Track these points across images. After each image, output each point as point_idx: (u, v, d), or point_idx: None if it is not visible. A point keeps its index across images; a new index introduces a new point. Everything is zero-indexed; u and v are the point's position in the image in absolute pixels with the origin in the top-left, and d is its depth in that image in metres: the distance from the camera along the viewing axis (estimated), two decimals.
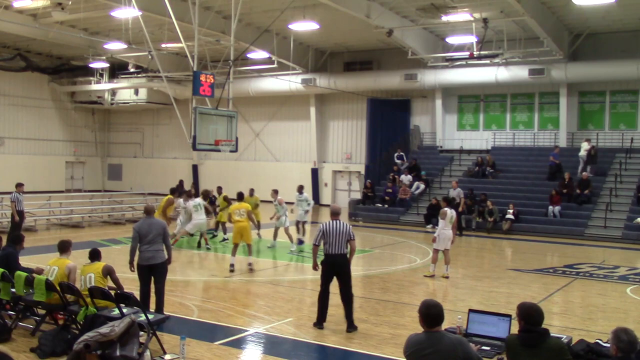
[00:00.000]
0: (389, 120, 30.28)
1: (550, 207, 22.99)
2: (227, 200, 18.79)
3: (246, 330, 8.98)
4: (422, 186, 26.90)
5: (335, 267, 9.14)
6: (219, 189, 20.36)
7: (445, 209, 13.70)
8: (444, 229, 13.45)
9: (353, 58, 31.70)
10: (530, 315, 5.04)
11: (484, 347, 5.64)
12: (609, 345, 5.37)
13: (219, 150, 19.35)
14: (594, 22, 24.57)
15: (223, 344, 8.25)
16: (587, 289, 12.52)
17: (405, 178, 27.22)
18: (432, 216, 22.69)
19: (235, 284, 12.52)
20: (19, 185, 17.21)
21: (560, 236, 21.46)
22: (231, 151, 19.64)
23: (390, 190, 26.65)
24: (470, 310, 6.23)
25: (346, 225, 9.18)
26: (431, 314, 4.89)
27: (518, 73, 26.70)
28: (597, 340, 5.89)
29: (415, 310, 9.70)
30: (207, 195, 18.51)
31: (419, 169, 27.90)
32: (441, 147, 29.90)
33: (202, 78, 18.40)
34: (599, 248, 19.52)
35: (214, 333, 8.83)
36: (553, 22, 24.09)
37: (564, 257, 17.58)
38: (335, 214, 9.40)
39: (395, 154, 29.25)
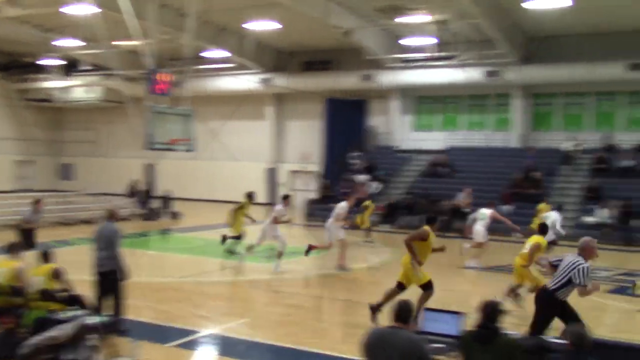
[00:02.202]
0: (346, 121, 30.38)
1: (502, 207, 23.40)
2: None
3: (200, 332, 8.88)
4: (379, 186, 27.09)
5: None
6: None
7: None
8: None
9: (312, 58, 31.72)
10: (486, 312, 5.14)
11: (438, 345, 5.71)
12: (559, 340, 5.50)
13: (174, 150, 19.11)
14: (549, 25, 25.09)
15: (177, 346, 8.15)
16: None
17: (362, 178, 27.37)
18: (389, 216, 22.87)
19: (190, 285, 12.38)
20: None
21: (513, 234, 21.82)
22: (188, 151, 19.41)
23: (346, 190, 26.71)
24: (425, 309, 6.29)
25: None
26: (395, 309, 4.97)
27: (474, 75, 27.11)
28: (547, 337, 6.02)
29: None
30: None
31: (375, 168, 28.10)
32: (398, 147, 30.18)
33: (158, 76, 18.13)
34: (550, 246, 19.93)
35: (168, 335, 8.72)
36: (508, 25, 24.56)
37: (516, 255, 17.84)
38: None
39: (352, 154, 29.39)
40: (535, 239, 10.40)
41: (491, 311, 5.15)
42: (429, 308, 6.34)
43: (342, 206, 14.86)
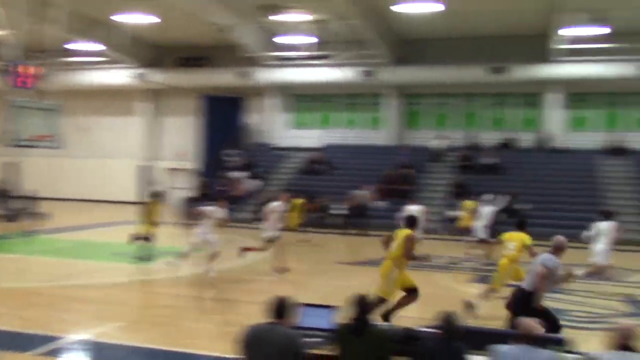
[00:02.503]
0: (223, 118, 30.10)
1: (377, 202, 24.20)
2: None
3: (68, 338, 8.47)
4: (256, 183, 27.10)
5: None
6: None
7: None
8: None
9: (188, 54, 31.07)
10: (359, 305, 5.32)
11: (314, 339, 5.80)
12: (426, 329, 5.78)
13: (38, 147, 18.05)
14: (420, 29, 26.22)
15: (42, 354, 7.71)
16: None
17: (238, 175, 27.26)
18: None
19: (57, 290, 11.75)
20: None
21: (387, 230, 22.61)
22: (53, 147, 18.38)
23: (223, 188, 26.51)
24: (301, 304, 6.37)
25: None
26: (273, 305, 5.01)
27: (350, 74, 27.77)
28: (415, 326, 6.30)
29: (247, 307, 9.74)
30: None
31: (253, 166, 28.08)
32: (275, 144, 30.33)
33: (21, 69, 17.03)
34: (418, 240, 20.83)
35: (32, 342, 8.23)
36: (383, 27, 25.41)
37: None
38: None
39: (230, 151, 29.18)
40: (518, 236, 10.28)
41: (363, 304, 5.34)
42: (305, 303, 6.43)
43: (277, 205, 14.24)
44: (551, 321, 7.49)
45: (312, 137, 29.87)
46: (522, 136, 27.53)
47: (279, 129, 30.67)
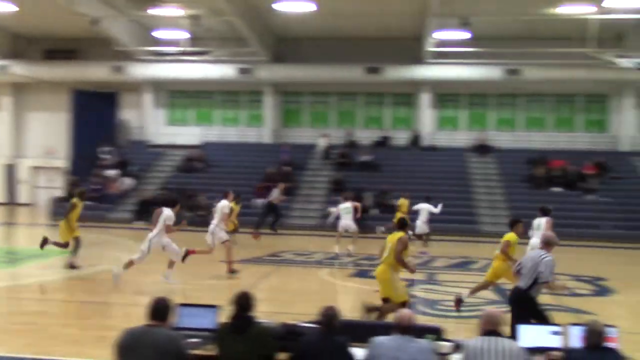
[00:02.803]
0: (96, 114, 28.73)
1: (256, 200, 24.18)
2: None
3: None
4: (131, 182, 26.19)
5: None
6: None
7: None
8: None
9: (55, 46, 29.33)
10: (240, 302, 5.27)
11: (195, 339, 5.69)
12: (307, 325, 5.84)
13: None
14: (297, 27, 26.46)
15: None
16: (289, 274, 13.41)
17: (112, 173, 26.21)
18: (143, 212, 22.18)
19: None
20: None
21: (265, 226, 22.66)
22: None
23: (96, 187, 25.39)
24: (180, 304, 6.22)
25: None
26: (152, 307, 4.85)
27: (227, 71, 27.51)
28: (296, 322, 6.34)
29: (123, 310, 9.37)
30: None
31: (127, 164, 27.10)
32: (151, 142, 29.46)
33: None
34: (299, 237, 21.09)
35: None
36: (260, 25, 25.38)
37: (268, 247, 18.55)
38: None
39: (102, 149, 27.95)
40: (507, 236, 10.09)
41: (244, 302, 5.29)
42: (184, 303, 6.29)
43: (225, 205, 13.56)
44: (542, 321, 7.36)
45: (191, 135, 29.29)
46: (397, 134, 28.56)
47: (156, 125, 29.80)
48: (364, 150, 27.04)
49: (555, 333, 5.84)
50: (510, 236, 10.04)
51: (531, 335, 5.83)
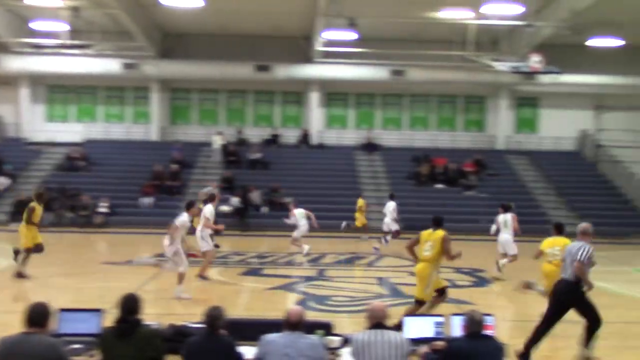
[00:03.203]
0: None
1: (143, 199, 23.52)
2: None
3: None
4: (6, 181, 24.63)
5: None
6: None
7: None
8: None
9: None
10: (125, 305, 5.09)
11: (76, 346, 5.45)
12: (195, 325, 5.75)
13: None
14: (185, 23, 25.94)
15: None
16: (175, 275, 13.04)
17: None
18: (18, 213, 20.89)
19: None
20: None
21: (154, 227, 22.05)
22: None
23: None
24: (61, 309, 5.94)
25: None
26: (29, 313, 4.58)
27: (111, 66, 26.50)
28: (184, 323, 6.23)
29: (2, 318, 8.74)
30: None
31: (1, 162, 25.44)
32: (28, 139, 27.83)
33: None
34: (188, 236, 20.65)
35: None
36: (146, 19, 24.63)
37: (157, 246, 18.06)
38: None
39: None
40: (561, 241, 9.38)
41: (130, 304, 5.12)
42: (65, 308, 6.00)
43: (210, 210, 12.59)
44: (593, 314, 7.49)
45: (72, 132, 27.91)
46: (287, 132, 28.71)
47: (34, 122, 28.16)
48: (254, 148, 26.95)
49: (438, 324, 6.10)
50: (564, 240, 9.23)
51: (415, 326, 6.06)
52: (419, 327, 6.06)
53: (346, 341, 5.58)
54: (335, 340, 5.77)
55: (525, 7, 20.11)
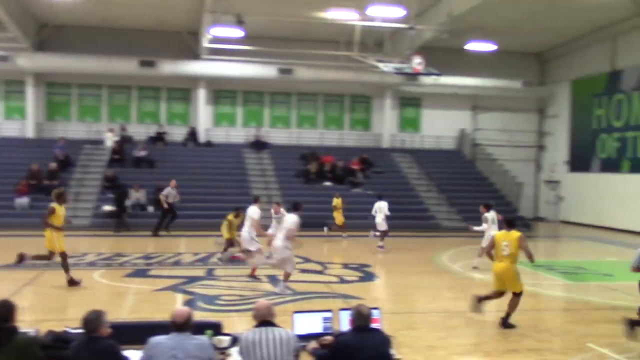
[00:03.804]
0: None
1: (18, 199, 22.19)
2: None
3: None
4: None
5: None
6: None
7: None
8: None
9: None
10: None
11: None
12: (75, 331, 5.49)
13: None
14: (63, 14, 24.69)
15: None
16: (57, 279, 12.45)
17: None
18: None
19: None
20: None
21: (30, 228, 20.85)
22: None
23: None
24: None
25: None
26: None
27: None
28: (65, 329, 5.95)
29: None
30: None
31: None
32: None
33: None
34: (69, 238, 19.70)
35: None
36: (19, 8, 23.20)
37: (36, 249, 17.12)
38: None
39: None
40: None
41: (3, 312, 4.82)
42: None
43: (257, 211, 13.69)
44: None
45: None
46: (173, 130, 28.07)
47: None
48: (139, 146, 26.11)
49: (326, 319, 6.20)
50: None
51: (304, 322, 6.12)
52: (307, 323, 6.12)
53: (235, 340, 5.55)
54: (224, 340, 5.72)
55: (407, 10, 20.85)
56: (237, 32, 21.94)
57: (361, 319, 5.33)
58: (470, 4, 20.83)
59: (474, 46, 25.72)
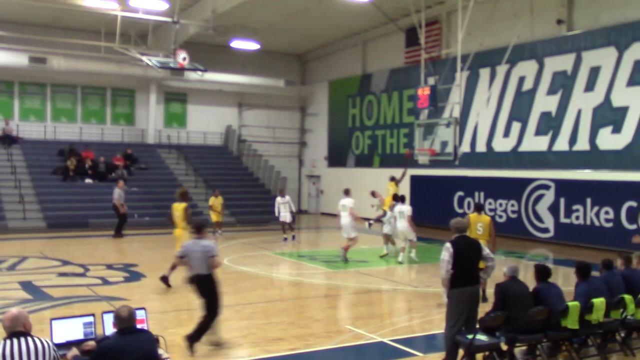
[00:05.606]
0: None
1: None
2: None
3: None
4: None
5: None
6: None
7: None
8: None
9: None
10: None
11: None
12: None
13: None
14: None
15: None
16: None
17: None
18: None
19: None
20: None
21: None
22: None
23: None
24: None
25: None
26: None
27: None
28: None
29: None
30: None
31: None
32: None
33: None
34: None
35: None
36: None
37: None
38: None
39: None
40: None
41: None
42: None
43: (351, 200, 15.85)
44: None
45: None
46: None
47: None
48: None
49: (87, 324, 5.88)
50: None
51: (63, 329, 5.74)
52: (67, 329, 5.75)
53: None
54: None
55: (170, 4, 20.51)
56: None
57: (122, 321, 5.14)
58: (233, 3, 21.16)
59: (239, 44, 26.19)
